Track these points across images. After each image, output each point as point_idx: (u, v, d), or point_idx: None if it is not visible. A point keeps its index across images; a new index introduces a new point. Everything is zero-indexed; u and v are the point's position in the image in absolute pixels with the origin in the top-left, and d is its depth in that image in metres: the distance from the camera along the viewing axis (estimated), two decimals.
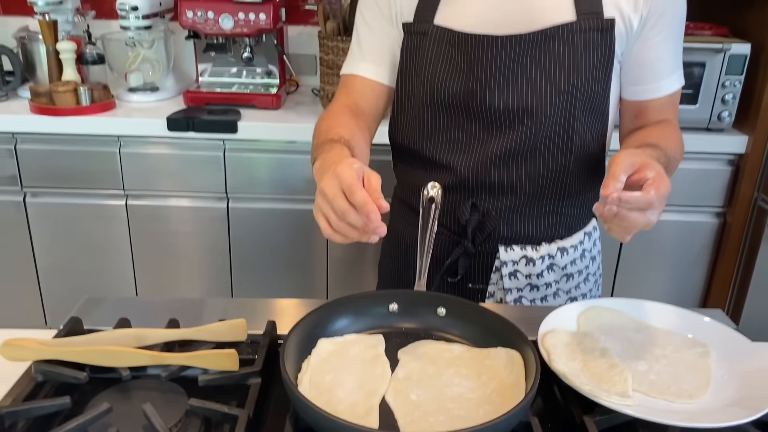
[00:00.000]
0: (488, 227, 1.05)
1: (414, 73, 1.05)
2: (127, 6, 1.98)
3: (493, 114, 1.00)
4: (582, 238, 1.13)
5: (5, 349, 0.73)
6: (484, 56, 0.98)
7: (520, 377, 0.71)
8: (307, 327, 0.76)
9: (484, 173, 1.03)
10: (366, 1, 1.10)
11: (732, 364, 0.77)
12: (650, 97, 1.05)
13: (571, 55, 0.97)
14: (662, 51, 1.02)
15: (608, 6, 0.97)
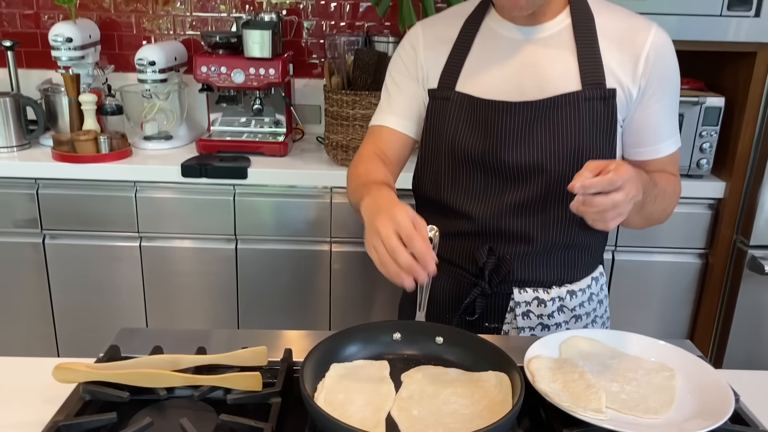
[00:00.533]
0: (503, 270, 1.15)
1: (437, 133, 1.17)
2: (146, 61, 2.13)
3: (508, 170, 1.12)
4: (590, 282, 1.23)
5: (57, 372, 0.84)
6: (500, 120, 1.10)
7: (508, 396, 0.82)
8: (321, 353, 0.87)
9: (500, 221, 1.14)
10: (396, 65, 1.23)
11: (694, 386, 0.87)
12: (650, 158, 1.17)
13: (577, 120, 1.09)
14: (660, 118, 1.15)
15: (610, 78, 1.09)
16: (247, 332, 1.04)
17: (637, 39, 1.10)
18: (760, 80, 1.95)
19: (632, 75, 1.10)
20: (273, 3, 2.44)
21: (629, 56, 1.10)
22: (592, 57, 1.10)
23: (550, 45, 1.12)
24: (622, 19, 1.14)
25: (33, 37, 2.49)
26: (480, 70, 1.14)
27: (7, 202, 2.07)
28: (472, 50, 1.16)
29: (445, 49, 1.17)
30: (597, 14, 1.13)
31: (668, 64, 1.13)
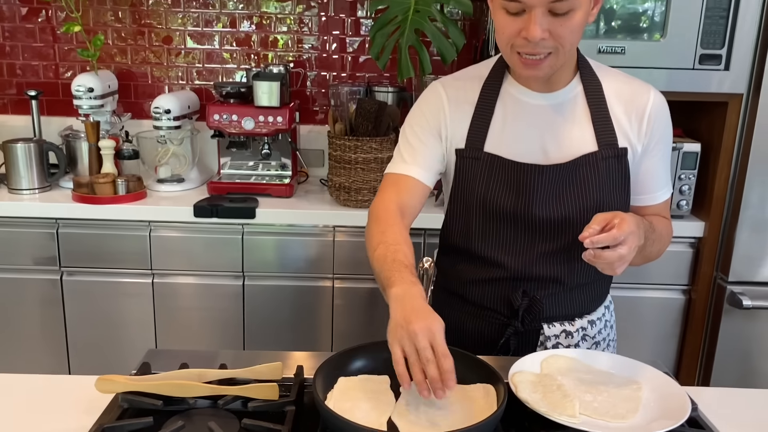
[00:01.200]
0: (536, 310, 1.26)
1: (469, 189, 1.27)
2: (162, 109, 2.28)
3: (537, 224, 1.23)
4: (603, 311, 1.36)
5: (99, 383, 0.95)
6: (529, 180, 1.22)
7: (494, 404, 0.93)
8: (330, 367, 0.99)
9: (531, 268, 1.25)
10: (417, 118, 1.32)
11: (658, 396, 0.99)
12: (648, 204, 1.31)
13: (596, 177, 1.22)
14: (658, 169, 1.29)
15: (621, 138, 1.23)
16: (263, 352, 1.15)
17: (640, 101, 1.24)
18: (732, 128, 2.10)
19: (638, 133, 1.24)
20: (280, 56, 2.62)
21: (635, 117, 1.24)
22: (604, 120, 1.23)
23: (566, 110, 1.24)
24: (624, 83, 1.27)
25: (54, 87, 2.66)
26: (506, 132, 1.24)
27: (28, 241, 2.19)
28: (496, 113, 1.25)
29: (468, 111, 1.27)
30: (603, 79, 1.25)
31: (665, 122, 1.28)
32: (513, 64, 1.19)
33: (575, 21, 1.10)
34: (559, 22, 1.09)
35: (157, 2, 2.60)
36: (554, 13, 1.08)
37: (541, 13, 1.07)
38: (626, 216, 1.06)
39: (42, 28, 2.62)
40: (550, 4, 1.06)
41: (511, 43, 1.13)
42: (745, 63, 2.02)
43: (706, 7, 1.99)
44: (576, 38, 1.15)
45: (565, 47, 1.13)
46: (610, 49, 2.02)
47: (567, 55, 1.16)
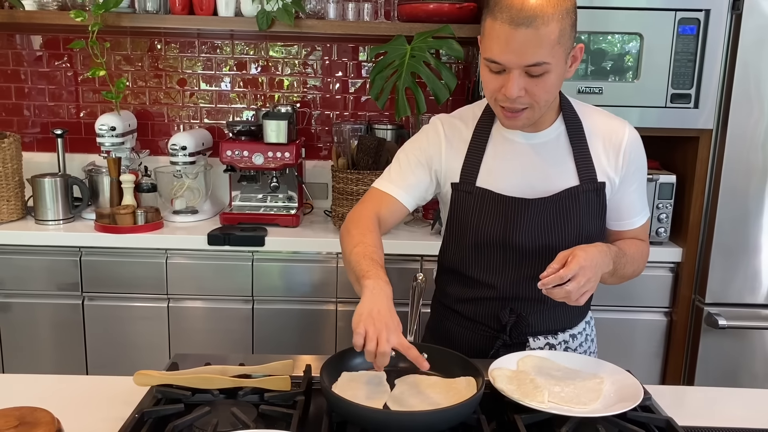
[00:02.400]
0: (522, 325, 1.40)
1: (463, 220, 1.41)
2: (178, 146, 2.47)
3: (523, 250, 1.37)
4: (584, 326, 1.50)
5: (137, 377, 1.12)
6: (516, 211, 1.36)
7: (473, 392, 1.09)
8: (335, 362, 1.15)
9: (518, 289, 1.39)
10: (413, 147, 1.45)
11: (617, 388, 1.15)
12: (626, 229, 1.46)
13: (577, 208, 1.36)
14: (634, 198, 1.43)
15: (599, 173, 1.37)
16: (275, 355, 1.31)
17: (616, 137, 1.38)
18: (703, 160, 2.28)
19: (615, 167, 1.38)
20: (286, 96, 2.83)
21: (612, 152, 1.38)
22: (585, 157, 1.37)
23: (550, 149, 1.38)
24: (604, 121, 1.41)
25: (77, 126, 2.87)
26: (496, 169, 1.39)
27: (53, 268, 2.36)
28: (487, 151, 1.39)
29: (462, 148, 1.41)
30: (583, 118, 1.39)
31: (640, 155, 1.42)
32: (497, 114, 1.34)
33: (549, 82, 1.23)
34: (535, 82, 1.22)
35: (172, 48, 2.82)
36: (530, 75, 1.21)
37: (518, 74, 1.21)
38: (580, 253, 1.19)
39: (66, 72, 2.83)
40: (526, 68, 1.20)
41: (494, 97, 1.28)
42: (712, 101, 2.21)
43: (675, 51, 2.19)
44: (550, 96, 1.28)
45: (540, 103, 1.26)
46: (589, 90, 2.22)
47: (542, 110, 1.29)
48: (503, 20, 1.18)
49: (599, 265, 1.22)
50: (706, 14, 2.15)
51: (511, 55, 1.19)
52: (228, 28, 2.51)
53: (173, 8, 2.45)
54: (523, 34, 1.17)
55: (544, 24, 1.17)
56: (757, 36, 2.14)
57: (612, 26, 2.19)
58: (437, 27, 2.35)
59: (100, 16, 2.35)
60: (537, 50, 1.18)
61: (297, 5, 2.40)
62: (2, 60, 2.82)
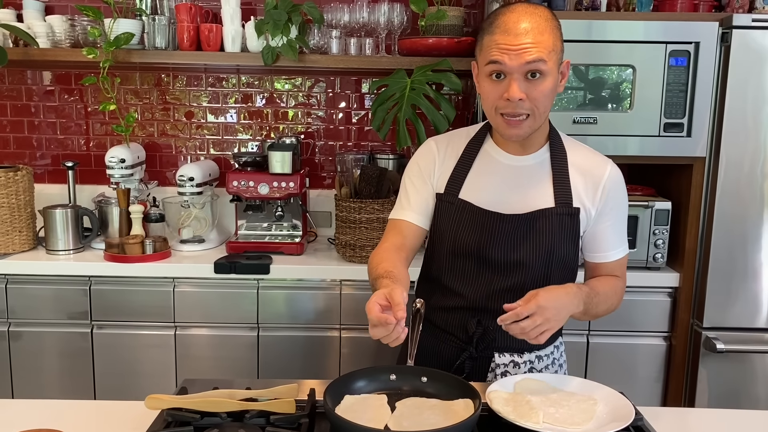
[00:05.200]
0: (488, 338, 1.45)
1: (442, 228, 1.48)
2: (186, 177, 2.54)
3: (495, 263, 1.43)
4: (552, 349, 1.54)
5: (149, 401, 1.16)
6: (491, 225, 1.43)
7: (471, 414, 1.13)
8: (337, 386, 1.20)
9: (487, 301, 1.44)
10: (414, 171, 1.55)
11: (610, 409, 1.19)
12: (601, 262, 1.51)
13: (549, 229, 1.42)
14: (610, 233, 1.49)
15: (575, 199, 1.44)
16: (280, 380, 1.35)
17: (598, 172, 1.46)
18: (698, 187, 2.33)
19: (593, 199, 1.45)
20: (291, 127, 2.91)
21: (591, 185, 1.45)
22: (563, 183, 1.44)
23: (533, 171, 1.46)
24: (587, 157, 1.49)
25: (87, 158, 2.94)
26: (479, 184, 1.47)
27: (63, 297, 2.41)
28: (473, 167, 1.48)
29: (452, 163, 1.50)
30: (569, 151, 1.48)
31: (619, 192, 1.49)
32: (497, 125, 1.40)
33: (546, 85, 1.33)
34: (534, 85, 1.32)
35: (180, 81, 2.91)
36: (529, 78, 1.32)
37: (518, 78, 1.31)
38: (542, 293, 1.25)
39: (76, 105, 2.92)
40: (525, 66, 1.30)
41: (495, 105, 1.36)
42: (704, 130, 2.28)
43: (667, 82, 2.26)
44: (547, 103, 1.36)
45: (539, 109, 1.35)
46: (584, 120, 2.28)
47: (541, 119, 1.38)
48: (502, 32, 1.31)
49: (565, 306, 1.28)
50: (696, 47, 2.23)
51: (513, 55, 1.30)
52: (234, 64, 2.59)
53: (181, 44, 2.54)
54: (522, 39, 1.29)
55: (539, 33, 1.30)
56: (746, 67, 2.21)
57: (606, 58, 2.26)
58: (436, 61, 2.43)
59: (111, 53, 2.43)
60: (535, 49, 1.29)
61: (301, 41, 2.49)
62: (15, 94, 2.91)
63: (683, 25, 2.23)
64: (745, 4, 2.35)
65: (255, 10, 2.80)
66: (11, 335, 2.42)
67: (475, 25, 2.84)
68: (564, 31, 1.39)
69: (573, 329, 2.42)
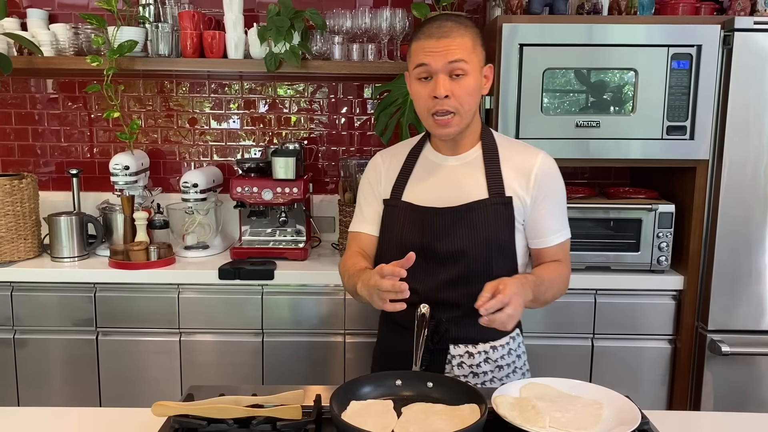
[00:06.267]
0: (441, 330, 1.52)
1: (390, 230, 1.59)
2: (190, 183, 2.55)
3: (440, 255, 1.52)
4: (508, 340, 1.60)
5: (156, 408, 1.17)
6: (432, 220, 1.52)
7: (477, 419, 1.13)
8: (343, 391, 1.20)
9: (437, 293, 1.52)
10: (363, 185, 1.69)
11: (616, 413, 1.19)
12: (543, 247, 1.59)
13: (486, 218, 1.52)
14: (548, 218, 1.57)
15: (508, 189, 1.54)
16: (286, 386, 1.36)
17: (528, 163, 1.56)
18: (701, 190, 2.33)
19: (526, 188, 1.54)
20: (294, 133, 2.92)
21: (523, 175, 1.55)
22: (496, 176, 1.54)
23: (466, 168, 1.57)
24: (518, 150, 1.60)
25: (91, 165, 2.95)
26: (419, 186, 1.59)
27: (68, 304, 2.42)
28: (414, 172, 1.61)
29: (395, 170, 1.63)
30: (500, 146, 1.59)
31: (551, 180, 1.57)
32: (430, 126, 1.53)
33: (469, 84, 1.47)
34: (457, 84, 1.45)
35: (183, 88, 2.92)
36: (453, 77, 1.45)
37: (443, 77, 1.45)
38: (509, 281, 1.32)
39: (80, 113, 2.93)
40: (449, 65, 1.44)
41: (426, 107, 1.49)
42: (707, 132, 2.28)
43: (669, 85, 2.26)
44: (472, 101, 1.49)
45: (464, 107, 1.48)
46: (587, 123, 2.29)
47: (468, 116, 1.50)
48: (427, 36, 1.46)
49: (525, 292, 1.37)
50: (698, 49, 2.23)
51: (437, 55, 1.44)
52: (237, 70, 2.60)
53: (184, 52, 2.55)
54: (444, 42, 1.45)
55: (459, 36, 1.45)
56: (749, 69, 2.21)
57: (608, 62, 2.26)
58: None
59: (114, 61, 2.45)
60: (456, 50, 1.44)
61: (303, 47, 2.50)
62: (19, 102, 2.92)
63: (685, 28, 2.23)
64: (747, 6, 2.36)
65: (258, 17, 2.81)
66: (17, 342, 2.43)
67: None
68: (566, 35, 1.43)
69: (577, 333, 2.42)
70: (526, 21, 2.25)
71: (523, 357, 1.65)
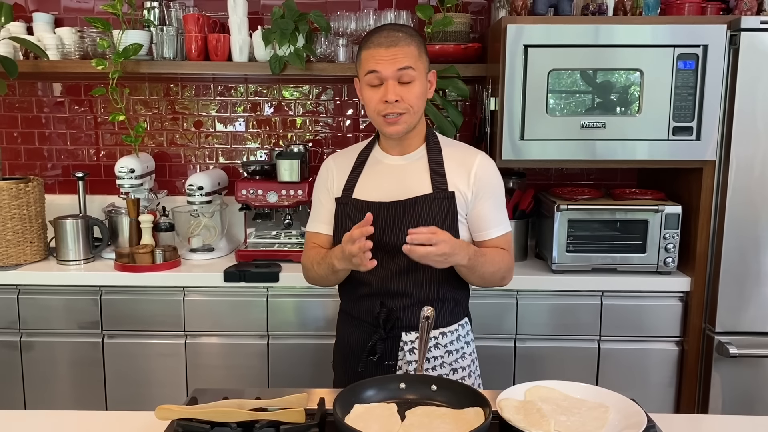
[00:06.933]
0: (392, 318, 1.61)
1: (341, 227, 1.66)
2: (195, 186, 2.56)
3: (389, 248, 1.58)
4: (457, 327, 1.69)
5: (159, 411, 1.17)
6: (380, 214, 1.59)
7: (481, 422, 1.13)
8: (347, 395, 1.20)
9: (387, 284, 1.62)
10: (317, 187, 1.78)
11: (622, 416, 1.18)
12: (485, 239, 1.67)
13: (430, 212, 1.61)
14: (487, 212, 1.66)
15: (450, 185, 1.63)
16: (290, 389, 1.35)
17: (468, 161, 1.67)
18: (708, 191, 2.32)
19: (466, 183, 1.64)
20: (299, 135, 2.92)
21: (464, 172, 1.65)
22: (439, 173, 1.64)
23: (412, 167, 1.67)
24: (460, 150, 1.71)
25: (97, 168, 2.96)
26: (368, 184, 1.68)
27: (74, 307, 2.43)
28: (363, 172, 1.70)
29: (346, 171, 1.72)
30: (444, 147, 1.69)
31: (490, 176, 1.67)
32: (380, 126, 1.63)
33: (416, 88, 1.58)
34: (406, 89, 1.57)
35: (188, 91, 2.92)
36: (401, 83, 1.56)
37: (392, 84, 1.55)
38: (445, 232, 1.45)
39: (86, 116, 2.94)
40: (398, 72, 1.55)
41: (376, 109, 1.59)
42: (713, 133, 2.26)
43: (675, 85, 2.25)
44: (420, 103, 1.61)
45: (414, 108, 1.59)
46: (592, 125, 2.28)
47: (416, 116, 1.62)
48: (376, 45, 1.56)
49: (457, 252, 1.48)
50: (704, 49, 2.22)
51: (387, 63, 1.55)
52: (242, 73, 2.61)
53: (189, 55, 2.55)
54: (392, 50, 1.55)
55: (406, 44, 1.56)
56: (756, 69, 2.19)
57: (613, 63, 2.25)
58: (443, 67, 2.43)
59: (120, 64, 2.45)
60: (404, 58, 1.55)
61: (308, 49, 2.50)
62: (26, 106, 2.94)
63: (691, 28, 2.22)
64: (754, 6, 2.34)
65: (262, 20, 2.81)
66: (23, 345, 2.44)
67: (481, 31, 2.84)
68: (571, 35, 1.42)
69: (583, 335, 2.41)
70: (531, 22, 2.24)
71: (472, 344, 1.75)
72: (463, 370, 1.67)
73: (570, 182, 2.86)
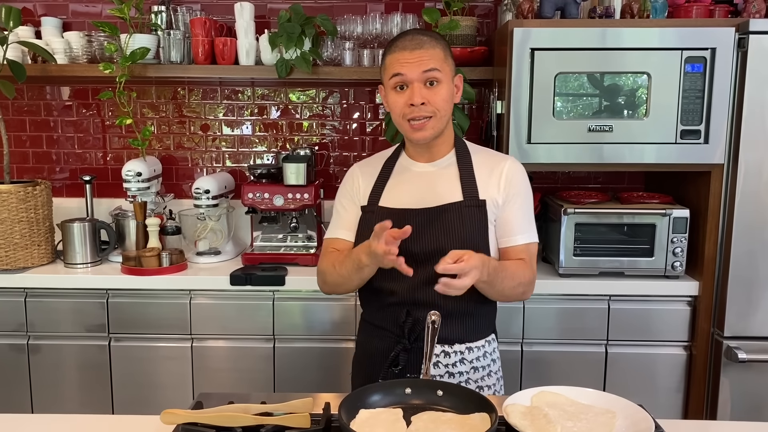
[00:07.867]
0: (418, 329, 1.54)
1: (367, 235, 1.55)
2: (202, 189, 2.56)
3: (417, 256, 1.53)
4: (483, 343, 1.64)
5: (164, 416, 1.17)
6: (407, 221, 1.52)
7: (487, 428, 1.12)
8: (353, 400, 1.19)
9: (414, 293, 1.56)
10: (341, 193, 1.74)
11: (630, 423, 1.17)
12: (509, 246, 1.62)
13: (460, 220, 1.57)
14: (514, 217, 1.62)
15: (482, 192, 1.60)
16: (295, 393, 1.35)
17: (498, 166, 1.63)
18: (716, 194, 2.30)
19: (497, 188, 1.61)
20: (305, 138, 2.92)
21: (494, 178, 1.62)
22: (469, 179, 1.61)
23: (442, 173, 1.64)
24: (489, 156, 1.68)
25: (104, 172, 2.97)
26: (396, 191, 1.65)
27: (81, 310, 2.43)
28: (390, 179, 1.67)
29: (372, 179, 1.68)
30: (473, 153, 1.66)
31: (519, 180, 1.64)
32: (406, 131, 1.59)
33: (443, 91, 1.55)
34: (432, 92, 1.54)
35: (195, 94, 2.93)
36: (427, 85, 1.53)
37: (418, 86, 1.53)
38: (474, 254, 1.38)
39: (93, 119, 2.95)
40: (423, 74, 1.52)
41: (402, 113, 1.56)
42: (721, 136, 2.25)
43: (683, 88, 2.24)
44: (447, 106, 1.57)
45: (440, 111, 1.56)
46: (599, 128, 2.27)
47: (443, 121, 1.58)
48: (401, 49, 1.54)
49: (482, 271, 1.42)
50: (712, 52, 2.21)
51: (412, 66, 1.52)
52: (249, 77, 2.61)
53: (196, 58, 2.56)
54: (417, 53, 1.53)
55: (431, 47, 1.54)
56: (764, 72, 2.18)
57: (621, 66, 2.24)
58: None
59: (127, 68, 2.46)
60: (430, 60, 1.53)
61: (314, 53, 2.50)
62: (34, 110, 2.95)
63: (699, 31, 2.21)
64: (762, 9, 2.33)
65: (269, 24, 2.82)
66: (30, 348, 2.45)
67: (487, 34, 2.83)
68: (578, 39, 1.41)
69: (591, 340, 2.40)
70: (538, 25, 2.24)
71: (497, 362, 1.70)
72: (488, 388, 1.63)
73: (577, 186, 2.85)
